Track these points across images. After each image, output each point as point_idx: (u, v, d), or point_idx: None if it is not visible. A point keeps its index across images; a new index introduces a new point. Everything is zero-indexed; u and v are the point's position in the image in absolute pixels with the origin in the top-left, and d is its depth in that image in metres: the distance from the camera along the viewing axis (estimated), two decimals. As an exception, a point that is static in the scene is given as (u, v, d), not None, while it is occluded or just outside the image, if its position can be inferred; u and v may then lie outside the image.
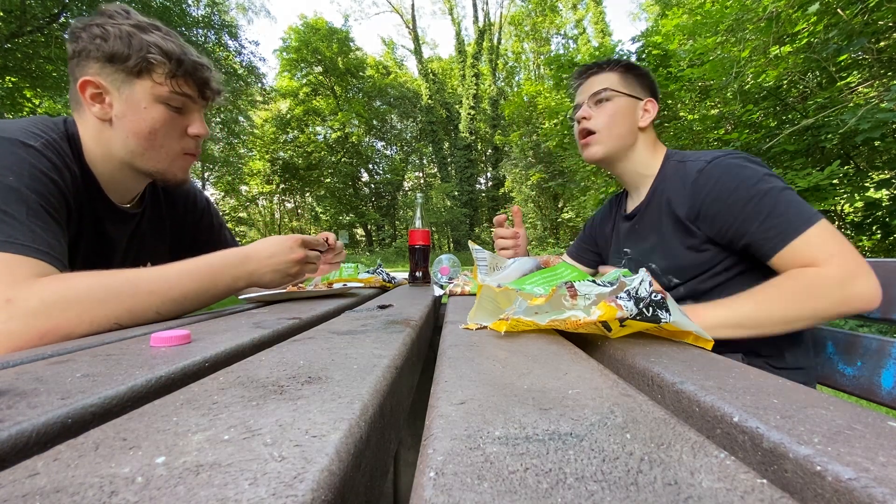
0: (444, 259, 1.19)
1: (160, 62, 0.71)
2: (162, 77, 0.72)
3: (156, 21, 0.74)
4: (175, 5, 9.24)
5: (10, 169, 0.58)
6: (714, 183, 0.79)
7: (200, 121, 0.80)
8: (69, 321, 0.53)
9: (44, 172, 0.62)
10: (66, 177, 0.67)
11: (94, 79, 0.70)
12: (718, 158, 0.82)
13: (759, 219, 0.74)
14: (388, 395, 0.30)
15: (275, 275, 0.76)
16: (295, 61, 21.82)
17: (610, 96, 0.98)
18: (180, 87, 0.75)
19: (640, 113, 0.99)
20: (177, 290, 0.63)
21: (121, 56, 0.69)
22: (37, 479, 0.17)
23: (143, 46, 0.69)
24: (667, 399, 0.33)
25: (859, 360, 0.80)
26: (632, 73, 1.00)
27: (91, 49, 0.69)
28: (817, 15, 2.91)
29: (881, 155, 3.17)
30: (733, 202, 0.76)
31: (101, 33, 0.69)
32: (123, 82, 0.71)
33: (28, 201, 0.58)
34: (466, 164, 22.20)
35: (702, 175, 0.82)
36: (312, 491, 0.16)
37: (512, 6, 24.54)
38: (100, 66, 0.70)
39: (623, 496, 0.16)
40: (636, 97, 0.99)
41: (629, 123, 0.98)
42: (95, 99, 0.71)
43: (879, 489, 0.18)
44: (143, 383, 0.30)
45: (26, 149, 0.61)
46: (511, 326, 0.48)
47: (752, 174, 0.77)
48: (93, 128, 0.73)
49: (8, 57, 7.46)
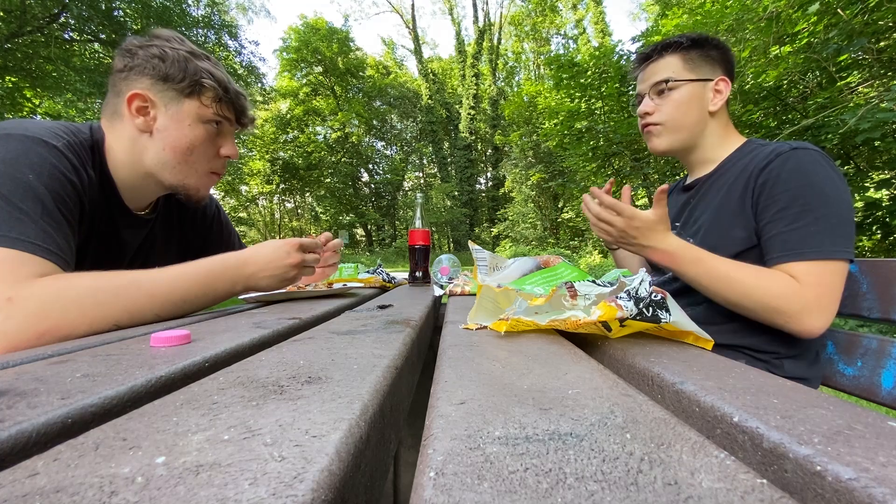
0: (444, 259, 1.19)
1: (211, 86, 0.78)
2: (209, 100, 0.79)
3: (206, 51, 0.82)
4: (175, 5, 9.23)
5: (31, 167, 0.60)
6: (789, 170, 0.75)
7: (232, 144, 0.86)
8: (68, 322, 0.53)
9: (62, 173, 0.63)
10: (84, 178, 0.68)
11: (143, 93, 0.74)
12: (801, 149, 0.77)
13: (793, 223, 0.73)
14: (388, 395, 0.30)
15: (272, 280, 0.77)
16: (295, 61, 21.82)
17: (673, 86, 0.89)
18: (222, 111, 0.81)
19: (711, 95, 0.89)
20: (176, 293, 0.64)
21: (175, 77, 0.75)
22: (37, 479, 0.17)
23: (197, 71, 0.77)
24: (667, 399, 0.33)
25: (859, 360, 0.80)
26: (697, 50, 0.89)
27: (147, 67, 0.75)
28: (817, 15, 2.91)
29: (881, 155, 3.17)
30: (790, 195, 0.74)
31: (160, 54, 0.75)
32: (172, 100, 0.76)
33: (44, 200, 0.59)
34: (466, 164, 22.21)
35: (780, 158, 0.77)
36: (312, 491, 0.16)
37: (512, 6, 24.56)
38: (152, 82, 0.75)
39: (623, 496, 0.16)
40: (705, 79, 0.88)
41: (697, 111, 0.89)
42: (140, 111, 0.75)
43: (879, 489, 0.18)
44: (143, 383, 0.30)
45: (49, 148, 0.63)
46: (511, 326, 0.48)
47: (825, 177, 0.74)
48: (128, 138, 0.76)
49: (8, 57, 7.46)
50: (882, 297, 0.78)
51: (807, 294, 0.70)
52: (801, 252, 0.71)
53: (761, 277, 0.73)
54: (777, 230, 0.75)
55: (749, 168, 0.81)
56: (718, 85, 0.89)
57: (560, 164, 11.68)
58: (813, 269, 0.70)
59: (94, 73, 8.12)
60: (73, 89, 7.76)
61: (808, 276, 0.70)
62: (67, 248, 0.61)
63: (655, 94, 0.92)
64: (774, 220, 0.75)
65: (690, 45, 0.89)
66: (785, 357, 0.79)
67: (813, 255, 0.71)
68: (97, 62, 8.94)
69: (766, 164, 0.78)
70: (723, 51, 0.90)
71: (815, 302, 0.70)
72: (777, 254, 0.74)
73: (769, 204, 0.76)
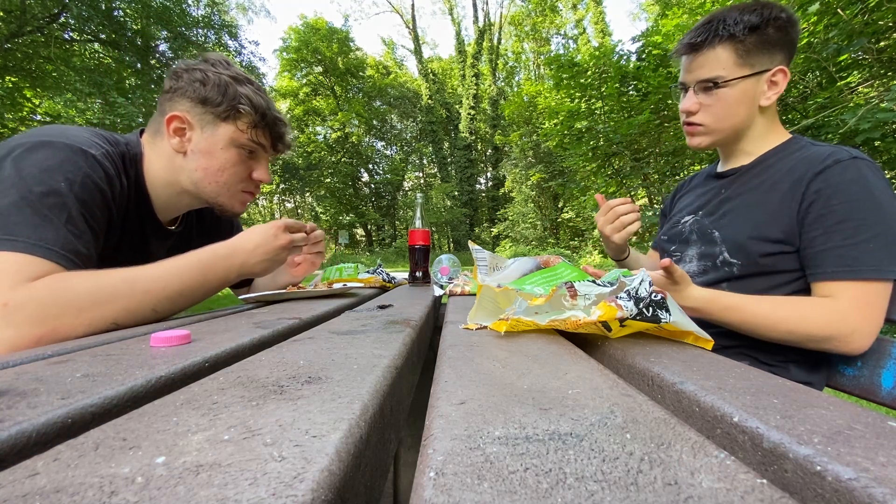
0: (444, 259, 1.19)
1: (247, 112, 0.80)
2: (245, 125, 0.81)
3: (251, 76, 0.84)
4: (175, 5, 9.23)
5: (65, 175, 0.61)
6: (849, 181, 0.70)
7: (265, 168, 0.88)
8: (66, 324, 0.53)
9: (95, 182, 0.65)
10: (116, 187, 0.70)
11: (182, 114, 0.77)
12: (861, 159, 0.72)
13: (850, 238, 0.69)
14: (388, 395, 0.30)
15: (265, 263, 0.78)
16: (295, 61, 21.82)
17: (722, 84, 0.80)
18: (257, 137, 0.83)
19: (765, 88, 0.80)
20: (171, 286, 0.65)
21: (213, 100, 0.77)
22: (37, 479, 0.17)
23: (235, 96, 0.78)
24: (667, 399, 0.33)
25: (859, 360, 0.79)
26: (755, 37, 0.77)
27: (188, 90, 0.77)
28: (817, 15, 2.91)
29: (881, 155, 3.18)
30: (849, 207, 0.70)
31: (202, 78, 0.77)
32: (209, 123, 0.79)
33: (70, 208, 0.61)
34: (466, 164, 22.20)
35: (839, 166, 0.71)
36: (312, 491, 0.16)
37: (512, 6, 24.55)
38: (191, 104, 0.78)
39: (623, 496, 0.16)
40: (760, 72, 0.78)
41: (747, 108, 0.81)
42: (177, 132, 0.78)
43: (879, 489, 0.18)
44: (143, 383, 0.30)
45: (86, 157, 0.65)
46: (511, 326, 0.48)
47: (884, 191, 0.70)
48: (165, 156, 0.79)
49: (8, 57, 7.47)
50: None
51: (854, 315, 0.68)
52: (859, 270, 0.68)
53: (801, 310, 0.70)
54: (833, 243, 0.71)
55: (799, 170, 0.76)
56: (776, 76, 0.79)
57: (560, 164, 11.69)
58: (864, 290, 0.69)
59: (94, 73, 8.12)
60: (73, 89, 7.76)
61: (858, 295, 0.69)
62: (86, 255, 0.62)
63: (701, 90, 0.82)
64: (829, 231, 0.71)
65: (748, 32, 0.77)
66: (791, 361, 0.78)
67: (871, 273, 0.68)
68: (97, 62, 8.95)
69: (822, 170, 0.72)
70: (786, 28, 0.77)
71: (864, 322, 0.68)
72: (832, 268, 0.71)
73: (824, 214, 0.71)
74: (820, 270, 0.73)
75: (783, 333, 0.71)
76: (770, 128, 0.85)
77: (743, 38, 0.77)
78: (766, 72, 0.78)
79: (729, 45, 0.78)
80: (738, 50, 0.78)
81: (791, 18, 0.78)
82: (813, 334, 0.70)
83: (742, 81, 0.79)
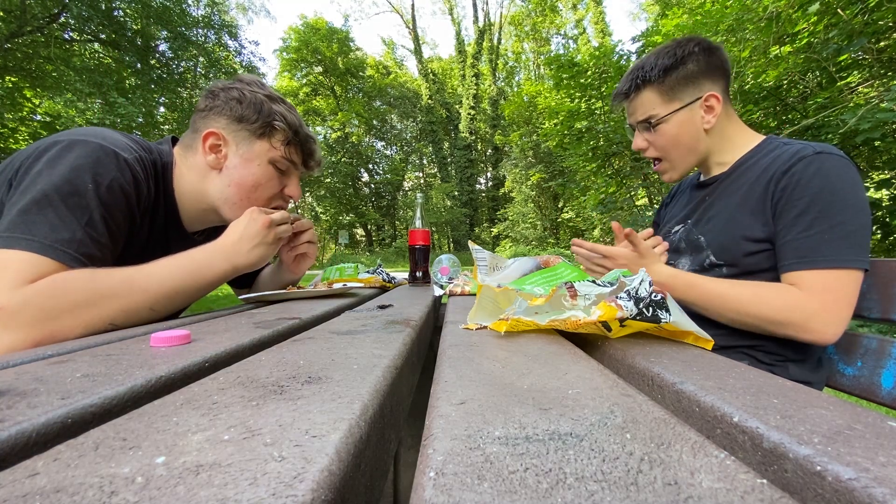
0: (444, 259, 1.19)
1: (282, 129, 0.82)
2: (279, 143, 0.83)
3: (284, 97, 0.86)
4: (175, 5, 9.23)
5: (94, 176, 0.62)
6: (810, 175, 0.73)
7: (296, 185, 0.90)
8: (64, 326, 0.53)
9: (121, 186, 0.66)
10: (143, 191, 0.71)
11: (219, 131, 0.79)
12: (826, 153, 0.75)
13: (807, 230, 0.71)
14: (388, 395, 0.30)
15: (257, 249, 0.78)
16: (295, 61, 21.83)
17: (657, 122, 0.87)
18: (290, 154, 0.85)
19: (702, 113, 0.86)
20: (167, 285, 0.65)
21: (249, 118, 0.80)
22: (37, 479, 0.17)
23: (271, 114, 0.81)
24: (667, 399, 0.33)
25: (859, 360, 0.79)
26: (672, 75, 0.85)
27: (225, 108, 0.80)
28: (817, 15, 2.91)
29: (881, 155, 3.17)
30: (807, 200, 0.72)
31: (239, 97, 0.80)
32: (244, 140, 0.81)
33: (93, 210, 0.61)
34: (466, 164, 22.21)
35: (802, 162, 0.75)
36: (312, 491, 0.16)
37: (512, 6, 24.57)
38: (228, 122, 0.80)
39: (623, 496, 0.16)
40: (689, 103, 0.85)
41: (691, 134, 0.87)
42: (213, 149, 0.80)
43: (879, 489, 0.18)
44: (143, 383, 0.30)
45: (117, 159, 0.66)
46: (511, 326, 0.48)
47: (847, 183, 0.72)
48: (198, 171, 0.81)
49: (8, 57, 7.46)
50: (882, 297, 0.78)
51: (812, 303, 0.69)
52: (813, 260, 0.70)
53: (759, 293, 0.72)
54: (791, 236, 0.73)
55: (771, 169, 0.79)
56: (708, 101, 0.85)
57: (560, 164, 11.68)
58: (821, 278, 0.69)
59: (94, 73, 8.12)
60: (73, 89, 7.76)
61: (815, 283, 0.70)
62: (100, 258, 0.63)
63: (644, 130, 0.91)
64: (789, 225, 0.74)
65: (663, 75, 0.85)
66: (790, 361, 0.79)
67: (825, 263, 0.69)
68: (97, 62, 8.94)
69: (788, 168, 0.76)
70: (705, 56, 0.84)
71: (823, 310, 0.69)
72: (788, 261, 0.73)
73: (787, 209, 0.74)
74: (782, 263, 0.75)
75: (736, 314, 0.74)
76: (733, 135, 0.89)
77: (661, 79, 0.86)
78: (698, 100, 0.85)
79: (652, 88, 0.87)
80: (660, 90, 0.86)
81: (709, 48, 0.85)
82: (770, 317, 0.71)
83: (674, 115, 0.86)
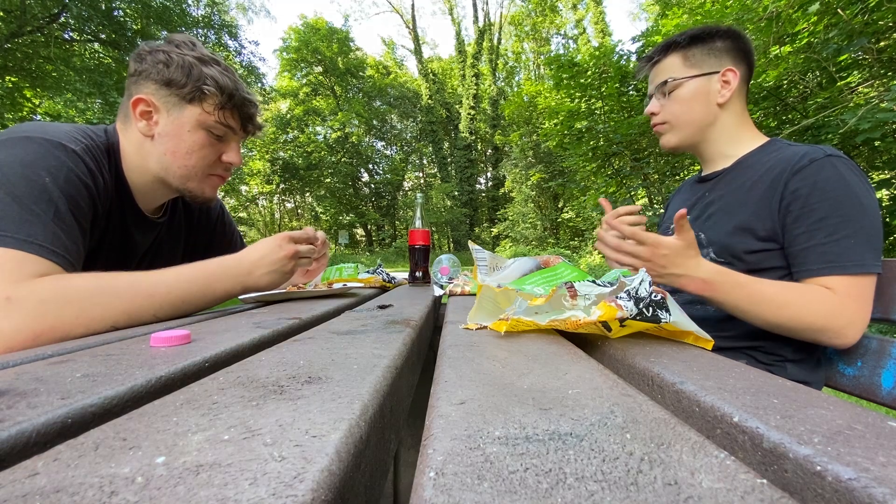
0: (444, 259, 1.19)
1: (213, 94, 0.77)
2: (211, 107, 0.78)
3: (217, 56, 0.81)
4: (175, 5, 9.23)
5: (49, 170, 0.61)
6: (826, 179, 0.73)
7: (236, 151, 0.86)
8: (65, 323, 0.53)
9: (78, 177, 0.64)
10: (100, 182, 0.69)
11: (147, 97, 0.75)
12: (836, 156, 0.75)
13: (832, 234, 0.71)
14: (388, 395, 0.30)
15: (271, 275, 0.77)
16: (295, 61, 21.82)
17: (674, 86, 0.90)
18: (225, 119, 0.81)
19: (718, 87, 0.87)
20: (174, 293, 0.64)
21: (178, 83, 0.75)
22: (37, 479, 0.17)
23: (200, 77, 0.76)
24: (667, 399, 0.33)
25: (859, 360, 0.79)
26: (698, 45, 0.88)
27: (152, 72, 0.75)
28: (817, 15, 2.91)
29: (881, 155, 3.17)
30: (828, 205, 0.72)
31: (165, 59, 0.75)
32: (175, 105, 0.76)
33: (57, 203, 0.60)
34: (466, 164, 22.20)
35: (815, 165, 0.74)
36: (312, 491, 0.16)
37: (512, 6, 24.56)
38: (156, 87, 0.76)
39: (623, 496, 0.16)
40: (708, 73, 0.87)
41: (703, 105, 0.89)
42: (144, 116, 0.76)
43: (879, 489, 0.18)
44: (143, 383, 0.30)
45: (67, 152, 0.64)
46: (511, 326, 0.48)
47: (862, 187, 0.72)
48: (135, 141, 0.77)
49: (8, 57, 7.46)
50: (882, 297, 0.78)
51: (849, 308, 0.69)
52: (842, 265, 0.70)
53: (806, 297, 0.71)
54: (815, 241, 0.72)
55: (777, 168, 0.78)
56: (725, 75, 0.86)
57: (560, 164, 11.68)
58: (854, 283, 0.70)
59: (94, 73, 8.12)
60: (73, 89, 7.76)
61: (849, 289, 0.69)
62: (76, 251, 0.62)
63: (661, 95, 0.93)
64: (812, 229, 0.73)
65: (689, 43, 0.89)
66: (789, 361, 0.79)
67: (854, 268, 0.69)
68: (97, 62, 8.94)
69: (798, 169, 0.75)
70: (732, 39, 0.88)
71: (857, 315, 0.69)
72: (815, 266, 0.72)
73: (805, 213, 0.73)
74: (805, 268, 0.74)
75: (786, 320, 0.71)
76: (740, 128, 0.90)
77: (687, 46, 0.89)
78: (716, 74, 0.87)
79: (677, 54, 0.90)
80: (684, 56, 0.90)
81: (737, 32, 0.89)
82: (813, 323, 0.70)
83: (691, 80, 0.89)
